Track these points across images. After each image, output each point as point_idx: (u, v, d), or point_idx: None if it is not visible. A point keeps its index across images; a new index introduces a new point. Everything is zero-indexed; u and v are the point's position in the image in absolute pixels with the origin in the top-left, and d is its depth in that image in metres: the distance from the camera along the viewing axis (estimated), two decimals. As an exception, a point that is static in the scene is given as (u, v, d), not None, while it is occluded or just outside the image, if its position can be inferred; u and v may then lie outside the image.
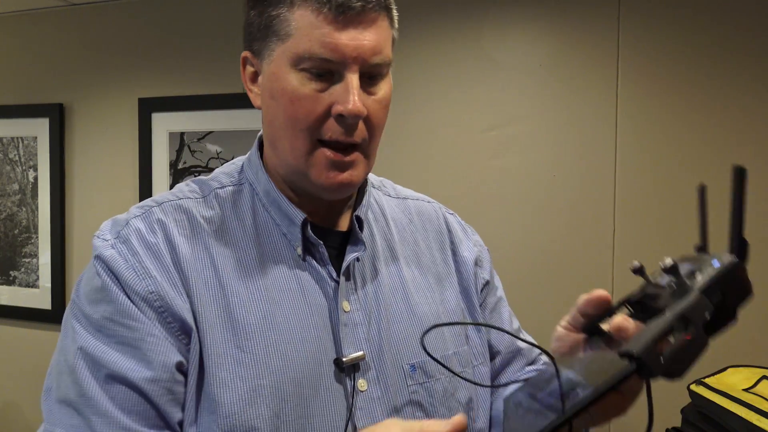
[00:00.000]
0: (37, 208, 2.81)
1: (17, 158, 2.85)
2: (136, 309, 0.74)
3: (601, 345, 0.63)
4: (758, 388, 1.41)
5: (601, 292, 0.68)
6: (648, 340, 0.47)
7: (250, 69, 0.86)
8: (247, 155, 0.92)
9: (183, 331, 0.75)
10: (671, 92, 2.01)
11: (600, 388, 0.46)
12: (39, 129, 2.79)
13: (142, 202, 0.85)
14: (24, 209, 2.85)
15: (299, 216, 0.83)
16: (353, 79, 0.77)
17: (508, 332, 0.84)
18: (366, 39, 0.77)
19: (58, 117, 2.74)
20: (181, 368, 0.75)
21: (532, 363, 1.00)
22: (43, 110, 2.77)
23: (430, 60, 2.24)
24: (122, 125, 2.67)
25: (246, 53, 0.85)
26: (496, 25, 2.18)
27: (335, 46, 0.76)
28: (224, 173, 0.90)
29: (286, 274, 0.82)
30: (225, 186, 0.87)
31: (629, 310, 0.60)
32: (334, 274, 0.84)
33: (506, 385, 0.95)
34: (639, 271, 0.58)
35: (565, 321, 0.73)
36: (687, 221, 1.99)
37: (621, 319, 0.62)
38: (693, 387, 1.48)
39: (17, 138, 2.84)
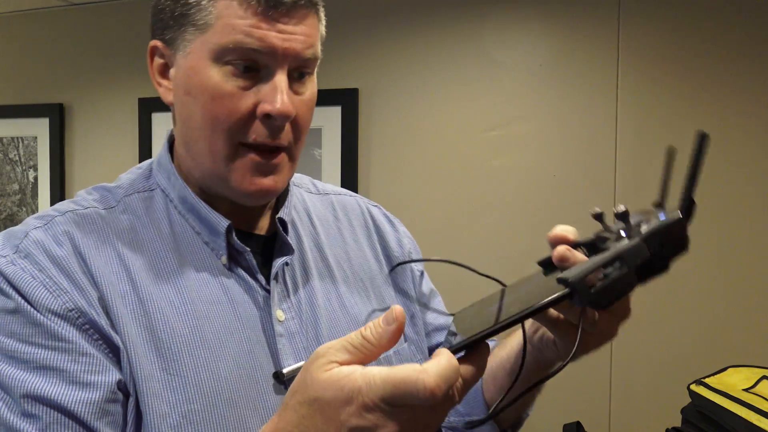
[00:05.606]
0: (37, 208, 2.81)
1: (17, 158, 2.85)
2: (59, 329, 0.65)
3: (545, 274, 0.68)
4: (758, 388, 1.41)
5: (558, 232, 0.65)
6: (583, 270, 0.54)
7: (159, 60, 0.77)
8: (156, 157, 0.83)
9: (112, 350, 0.67)
10: (671, 92, 2.01)
11: (534, 305, 0.53)
12: (39, 129, 2.79)
13: (40, 212, 0.76)
14: (24, 209, 2.85)
15: (222, 222, 0.76)
16: (282, 76, 0.72)
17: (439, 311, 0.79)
18: (297, 32, 0.71)
19: (58, 117, 2.74)
20: (120, 387, 0.67)
21: None
22: (43, 110, 2.77)
23: (430, 60, 2.24)
24: (122, 125, 2.67)
25: (155, 42, 0.77)
26: (497, 25, 2.18)
27: (264, 35, 0.70)
28: (131, 179, 0.81)
29: (211, 285, 0.75)
30: (134, 193, 0.79)
31: (583, 250, 0.66)
32: (264, 282, 0.78)
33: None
34: (599, 216, 0.63)
35: None
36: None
37: (563, 249, 0.63)
38: (693, 387, 1.47)
39: (17, 138, 2.84)
